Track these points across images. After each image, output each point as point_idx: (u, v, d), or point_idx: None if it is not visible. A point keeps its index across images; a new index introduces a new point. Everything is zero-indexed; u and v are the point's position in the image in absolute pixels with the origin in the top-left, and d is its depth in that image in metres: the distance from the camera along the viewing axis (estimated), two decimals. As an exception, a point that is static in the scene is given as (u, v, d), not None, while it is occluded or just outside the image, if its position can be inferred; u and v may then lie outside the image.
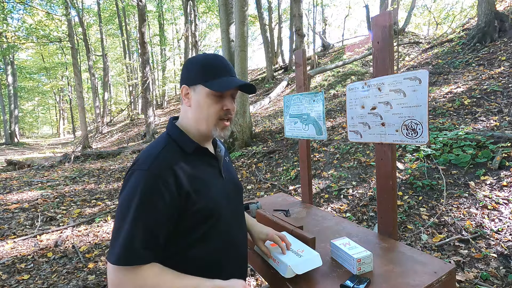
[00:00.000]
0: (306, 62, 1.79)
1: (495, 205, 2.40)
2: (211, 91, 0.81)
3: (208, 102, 0.82)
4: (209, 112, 0.82)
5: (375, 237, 1.27)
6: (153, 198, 0.72)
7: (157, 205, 0.72)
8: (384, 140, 1.24)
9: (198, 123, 0.85)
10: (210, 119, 0.83)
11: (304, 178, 1.87)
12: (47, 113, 39.54)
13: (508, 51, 5.39)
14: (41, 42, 15.67)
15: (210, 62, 0.83)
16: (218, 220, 0.83)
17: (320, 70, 9.45)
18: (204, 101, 0.82)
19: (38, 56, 25.58)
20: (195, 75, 0.83)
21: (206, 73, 0.82)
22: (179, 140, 0.84)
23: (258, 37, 25.37)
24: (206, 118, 0.83)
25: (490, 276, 1.85)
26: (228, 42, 6.27)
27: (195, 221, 0.79)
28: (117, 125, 19.63)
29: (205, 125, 0.84)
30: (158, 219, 0.72)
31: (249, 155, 5.46)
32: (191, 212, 0.77)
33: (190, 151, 0.83)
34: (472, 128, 3.48)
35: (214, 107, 0.82)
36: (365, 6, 11.83)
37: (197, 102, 0.83)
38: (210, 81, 0.80)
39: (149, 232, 0.71)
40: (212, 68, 0.82)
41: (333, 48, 14.64)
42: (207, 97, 0.82)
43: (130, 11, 20.04)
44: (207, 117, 0.83)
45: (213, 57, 0.85)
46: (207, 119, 0.83)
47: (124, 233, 0.70)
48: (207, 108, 0.82)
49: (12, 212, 4.14)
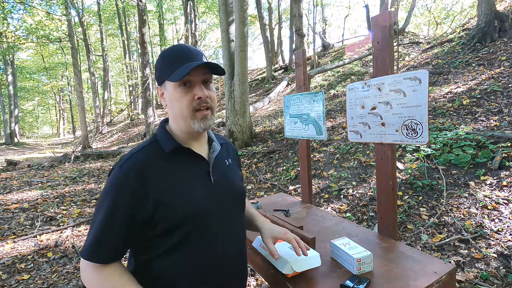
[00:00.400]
0: (306, 62, 1.79)
1: (495, 205, 2.40)
2: (176, 84, 0.76)
3: (177, 96, 0.76)
4: (181, 106, 0.77)
5: (375, 237, 1.27)
6: (118, 197, 0.71)
7: (120, 205, 0.70)
8: (384, 140, 1.24)
9: (176, 121, 0.81)
10: (184, 112, 0.77)
11: (304, 178, 1.87)
12: (47, 113, 39.54)
13: (508, 51, 5.39)
14: (41, 42, 15.68)
15: (169, 53, 0.78)
16: (198, 229, 0.77)
17: (320, 70, 9.45)
18: (173, 96, 0.77)
19: (38, 56, 25.58)
20: (160, 73, 0.79)
21: (168, 66, 0.77)
22: (161, 140, 0.81)
23: (258, 37, 25.38)
24: (180, 113, 0.78)
25: (490, 276, 1.85)
26: (228, 42, 6.27)
27: (166, 225, 0.73)
28: (117, 125, 19.63)
29: (181, 120, 0.79)
30: (120, 219, 0.70)
31: (249, 155, 5.46)
32: (160, 215, 0.72)
33: (168, 151, 0.78)
34: (472, 128, 3.48)
35: (184, 99, 0.76)
36: (365, 6, 11.83)
37: (168, 99, 0.79)
38: (172, 73, 0.76)
39: (112, 232, 0.70)
40: (172, 59, 0.77)
41: (333, 48, 14.64)
42: (174, 90, 0.76)
43: (130, 11, 20.03)
44: (181, 111, 0.77)
45: (172, 47, 0.79)
46: (181, 113, 0.78)
47: (93, 229, 0.71)
48: (178, 102, 0.77)
49: (12, 212, 4.14)
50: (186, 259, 0.76)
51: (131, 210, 0.71)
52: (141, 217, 0.71)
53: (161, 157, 0.78)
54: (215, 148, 0.89)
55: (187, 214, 0.75)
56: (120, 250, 0.73)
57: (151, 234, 0.74)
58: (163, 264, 0.76)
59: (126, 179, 0.71)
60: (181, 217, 0.74)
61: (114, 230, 0.71)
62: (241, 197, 0.93)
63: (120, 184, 0.71)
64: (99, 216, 0.71)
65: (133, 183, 0.71)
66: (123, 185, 0.71)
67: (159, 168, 0.76)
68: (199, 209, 0.77)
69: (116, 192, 0.71)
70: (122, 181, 0.71)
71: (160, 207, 0.72)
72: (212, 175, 0.83)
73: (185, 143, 0.83)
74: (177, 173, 0.78)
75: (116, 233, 0.71)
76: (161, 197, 0.73)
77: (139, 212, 0.71)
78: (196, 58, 0.77)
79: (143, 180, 0.72)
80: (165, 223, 0.73)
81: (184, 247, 0.76)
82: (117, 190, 0.71)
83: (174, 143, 0.79)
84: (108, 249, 0.71)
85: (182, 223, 0.74)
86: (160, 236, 0.74)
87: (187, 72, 0.72)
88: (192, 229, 0.76)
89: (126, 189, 0.71)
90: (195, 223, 0.76)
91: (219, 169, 0.87)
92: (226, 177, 0.89)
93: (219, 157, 0.90)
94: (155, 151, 0.79)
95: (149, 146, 0.80)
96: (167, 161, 0.78)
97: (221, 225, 0.82)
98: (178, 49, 0.78)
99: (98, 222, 0.71)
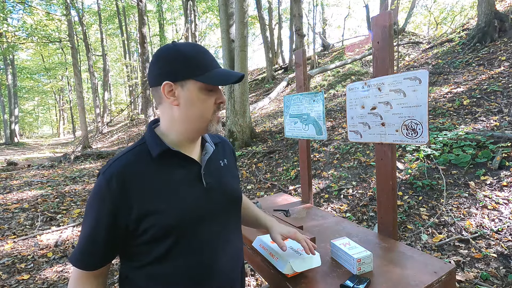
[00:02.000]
0: (306, 62, 1.79)
1: (495, 205, 2.40)
2: (203, 85, 0.73)
3: (202, 98, 0.74)
4: (205, 108, 0.75)
5: (375, 237, 1.27)
6: (101, 206, 0.69)
7: (103, 214, 0.68)
8: (384, 140, 1.24)
9: (192, 121, 0.77)
10: (206, 114, 0.76)
11: (304, 178, 1.87)
12: (47, 113, 39.55)
13: (508, 51, 5.39)
14: (41, 42, 15.67)
15: (191, 51, 0.74)
16: (187, 237, 0.74)
17: (320, 70, 9.46)
18: (197, 97, 0.74)
19: (38, 56, 25.59)
20: (181, 69, 0.73)
21: (194, 66, 0.73)
22: (149, 143, 0.77)
23: (258, 37, 25.38)
24: (201, 114, 0.76)
25: (490, 276, 1.85)
26: (228, 42, 6.27)
27: (153, 234, 0.71)
28: (117, 125, 19.63)
29: (200, 121, 0.77)
30: (103, 228, 0.69)
31: (249, 155, 5.46)
32: (146, 223, 0.70)
33: (155, 154, 0.74)
34: (472, 128, 3.48)
35: (209, 102, 0.76)
36: (365, 6, 11.84)
37: (188, 99, 0.74)
38: (202, 74, 0.73)
39: (96, 242, 0.70)
40: (201, 60, 0.74)
41: (333, 48, 14.65)
42: (200, 92, 0.74)
43: (130, 11, 20.05)
44: (202, 113, 0.76)
45: (193, 47, 0.75)
46: (202, 115, 0.76)
47: (81, 235, 0.72)
48: (202, 104, 0.75)
49: (12, 212, 4.14)
50: (174, 269, 0.73)
51: (114, 219, 0.69)
52: (126, 224, 0.70)
53: (149, 161, 0.74)
54: (207, 149, 0.85)
55: (175, 222, 0.72)
56: (105, 258, 0.72)
57: (138, 241, 0.72)
58: (152, 272, 0.74)
59: (109, 187, 0.68)
60: (169, 225, 0.71)
61: (97, 240, 0.69)
62: (236, 200, 0.89)
63: (102, 192, 0.69)
64: (85, 225, 0.71)
65: (115, 190, 0.68)
66: (105, 193, 0.68)
67: (145, 173, 0.72)
68: (188, 217, 0.74)
69: (99, 201, 0.69)
70: (105, 189, 0.68)
71: (146, 215, 0.69)
72: (204, 178, 0.79)
73: (178, 146, 0.79)
74: (165, 178, 0.74)
75: (99, 243, 0.70)
76: (146, 204, 0.70)
77: (122, 220, 0.69)
78: (217, 63, 0.78)
79: (126, 187, 0.69)
80: (151, 232, 0.70)
81: (173, 256, 0.73)
82: (100, 199, 0.69)
83: (162, 146, 0.75)
84: (92, 257, 0.71)
85: (170, 231, 0.71)
86: (148, 244, 0.72)
87: (232, 81, 0.73)
88: (181, 237, 0.73)
89: (109, 197, 0.68)
90: (184, 231, 0.73)
91: (212, 171, 0.83)
92: (220, 179, 0.85)
93: (213, 159, 0.86)
94: (142, 155, 0.75)
95: (136, 149, 0.76)
96: (155, 165, 0.74)
97: (213, 233, 0.79)
98: (199, 48, 0.76)
99: (83, 231, 0.71)
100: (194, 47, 0.75)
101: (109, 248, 0.71)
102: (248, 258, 1.29)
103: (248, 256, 1.28)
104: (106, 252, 0.72)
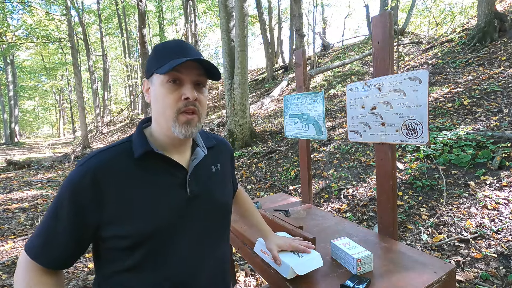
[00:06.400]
0: (306, 62, 1.79)
1: (495, 205, 2.40)
2: (165, 79, 0.67)
3: (162, 92, 0.67)
4: (165, 104, 0.67)
5: (375, 237, 1.27)
6: (68, 198, 0.63)
7: (71, 207, 0.63)
8: (384, 140, 1.24)
9: (158, 121, 0.71)
10: (167, 112, 0.67)
11: (304, 178, 1.87)
12: (47, 113, 39.56)
13: (508, 51, 5.39)
14: (41, 42, 15.66)
15: (163, 46, 0.70)
16: (161, 248, 0.67)
17: (320, 70, 9.45)
18: (158, 91, 0.68)
19: (38, 56, 25.60)
20: (149, 64, 0.71)
21: (159, 59, 0.68)
22: (134, 142, 0.71)
23: (258, 37, 25.38)
24: (163, 111, 0.68)
25: (490, 276, 1.85)
26: (228, 42, 6.27)
27: (123, 241, 0.65)
28: (117, 125, 19.63)
29: (163, 121, 0.69)
30: (68, 222, 0.63)
31: (249, 155, 5.46)
32: (117, 229, 0.64)
33: (136, 155, 0.68)
34: (472, 128, 3.48)
35: (170, 97, 0.67)
36: (365, 6, 11.84)
37: (153, 94, 0.70)
38: (161, 66, 0.67)
39: (50, 236, 0.64)
40: (165, 51, 0.69)
41: (333, 48, 14.65)
42: (161, 86, 0.67)
43: (130, 11, 20.05)
44: (163, 110, 0.68)
45: (168, 41, 0.72)
46: (164, 112, 0.68)
47: (40, 224, 0.66)
48: (162, 99, 0.67)
49: (12, 212, 4.14)
50: (143, 283, 0.67)
51: (81, 218, 0.63)
52: (94, 225, 0.64)
53: (130, 161, 0.68)
54: (197, 154, 0.78)
55: (149, 232, 0.65)
56: (66, 257, 0.66)
57: (107, 246, 0.67)
58: (121, 283, 0.68)
59: (82, 182, 0.63)
60: (141, 235, 0.65)
61: (59, 234, 0.63)
62: (223, 210, 0.82)
63: (74, 187, 0.63)
64: (49, 214, 0.65)
65: (88, 188, 0.63)
66: (77, 188, 0.63)
67: (124, 174, 0.66)
68: (165, 227, 0.67)
69: (69, 195, 0.63)
70: (77, 184, 0.63)
71: (117, 220, 0.64)
72: (188, 185, 0.72)
73: (164, 148, 0.73)
74: (144, 182, 0.67)
75: (62, 238, 0.63)
76: (119, 208, 0.64)
77: (92, 221, 0.64)
78: (188, 55, 0.69)
79: (100, 186, 0.63)
80: (122, 239, 0.64)
81: (143, 269, 0.67)
82: (70, 193, 0.63)
83: (146, 147, 0.68)
84: (52, 252, 0.64)
85: (142, 242, 0.65)
86: (118, 252, 0.66)
87: (179, 63, 0.64)
88: (154, 249, 0.66)
89: (81, 191, 0.63)
90: (158, 243, 0.67)
91: (200, 178, 0.76)
92: (208, 187, 0.77)
93: (203, 164, 0.78)
94: (124, 154, 0.69)
95: (119, 146, 0.70)
96: (136, 167, 0.68)
97: (193, 246, 0.72)
98: (175, 42, 0.71)
99: (46, 221, 0.64)
100: (169, 42, 0.71)
101: (73, 248, 0.65)
102: (248, 258, 1.29)
103: (248, 256, 1.28)
104: (70, 251, 0.65)
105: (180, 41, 0.72)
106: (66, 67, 23.78)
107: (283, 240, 1.04)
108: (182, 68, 0.67)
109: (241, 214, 1.09)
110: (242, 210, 1.08)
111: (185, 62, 0.65)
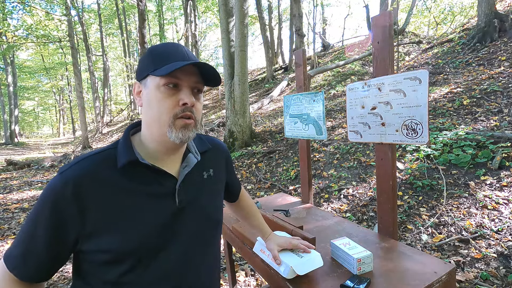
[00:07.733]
0: (306, 62, 1.79)
1: (495, 205, 2.40)
2: (161, 82, 0.63)
3: (158, 96, 0.63)
4: (161, 109, 0.63)
5: (375, 237, 1.27)
6: (49, 208, 0.59)
7: (47, 218, 0.59)
8: (384, 140, 1.24)
9: (150, 126, 0.67)
10: (163, 117, 0.64)
11: (304, 178, 1.87)
12: (47, 113, 39.57)
13: (508, 51, 5.39)
14: (41, 42, 15.68)
15: (160, 48, 0.67)
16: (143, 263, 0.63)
17: (320, 70, 9.45)
18: (154, 95, 0.64)
19: (38, 56, 25.60)
20: (143, 66, 0.67)
21: (154, 61, 0.65)
22: (119, 150, 0.66)
23: (258, 37, 25.38)
24: (158, 117, 0.64)
25: (490, 276, 1.85)
26: (228, 42, 6.27)
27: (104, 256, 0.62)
28: (117, 125, 19.64)
29: (156, 126, 0.65)
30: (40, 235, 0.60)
31: (249, 155, 5.46)
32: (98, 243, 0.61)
33: (119, 166, 0.63)
34: (472, 128, 3.48)
35: (167, 102, 0.63)
36: (365, 6, 11.84)
37: (147, 98, 0.66)
38: (158, 68, 0.63)
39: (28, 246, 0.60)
40: (162, 54, 0.65)
41: (333, 48, 14.65)
42: (157, 89, 0.64)
43: (130, 11, 20.05)
44: (159, 115, 0.64)
45: (165, 43, 0.69)
46: (159, 118, 0.64)
47: (19, 233, 0.63)
48: (158, 104, 0.64)
49: (12, 212, 4.14)
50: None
51: (62, 230, 0.60)
52: (74, 239, 0.61)
53: (114, 170, 0.64)
54: (189, 161, 0.73)
55: (131, 247, 0.62)
56: (45, 270, 0.62)
57: (87, 259, 0.63)
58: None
59: (63, 192, 0.59)
60: (124, 249, 0.62)
61: (37, 245, 0.60)
62: (214, 220, 0.78)
63: (55, 196, 0.59)
64: (27, 223, 0.61)
65: (69, 198, 0.59)
66: (58, 198, 0.59)
67: (108, 183, 0.62)
68: (150, 240, 0.64)
69: (50, 205, 0.59)
70: (59, 194, 0.59)
71: (98, 233, 0.61)
72: (178, 195, 0.68)
73: (153, 157, 0.68)
74: (129, 192, 0.63)
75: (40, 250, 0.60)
76: (101, 220, 0.61)
77: (72, 233, 0.60)
78: (187, 58, 0.66)
79: (83, 196, 0.60)
80: (103, 253, 0.61)
81: (125, 284, 0.63)
82: (50, 203, 0.59)
83: (130, 156, 0.64)
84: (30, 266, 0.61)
85: (125, 257, 0.62)
86: (101, 265, 0.63)
87: (181, 66, 0.60)
88: (138, 264, 0.63)
89: (62, 202, 0.59)
90: (142, 258, 0.63)
91: (190, 186, 0.72)
92: (198, 196, 0.73)
93: (195, 171, 0.74)
94: (108, 162, 0.64)
95: (104, 153, 0.65)
96: (121, 176, 0.64)
97: (180, 260, 0.68)
98: (172, 45, 0.67)
99: (25, 230, 0.61)
100: (166, 44, 0.68)
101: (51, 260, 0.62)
102: (248, 258, 1.29)
103: (248, 256, 1.29)
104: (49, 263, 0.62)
105: (178, 44, 0.70)
106: (66, 67, 23.79)
107: (283, 239, 1.05)
108: (181, 72, 0.64)
109: (243, 217, 1.10)
110: (245, 212, 1.09)
111: (184, 66, 0.62)
